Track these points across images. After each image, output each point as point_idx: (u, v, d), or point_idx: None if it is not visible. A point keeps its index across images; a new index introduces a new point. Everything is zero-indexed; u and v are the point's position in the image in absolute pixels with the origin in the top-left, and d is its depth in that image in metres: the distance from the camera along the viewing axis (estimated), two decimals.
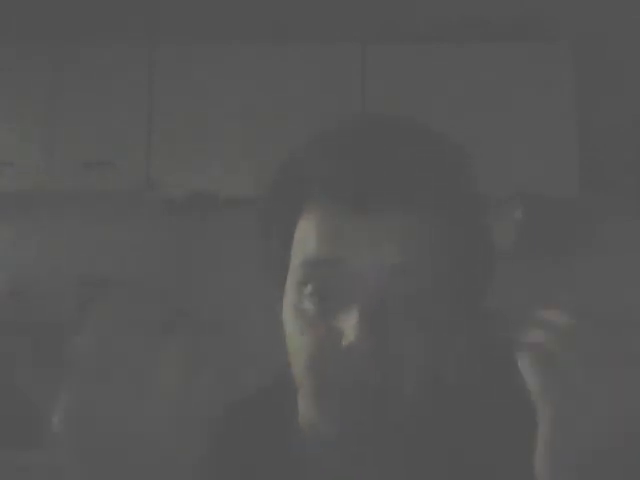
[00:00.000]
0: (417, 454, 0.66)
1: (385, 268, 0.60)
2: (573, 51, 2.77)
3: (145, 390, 0.61)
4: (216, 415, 0.78)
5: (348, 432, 0.60)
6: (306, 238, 0.63)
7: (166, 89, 2.76)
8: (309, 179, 0.65)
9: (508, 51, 2.78)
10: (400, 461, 0.65)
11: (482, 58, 2.76)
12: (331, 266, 0.61)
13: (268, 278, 0.70)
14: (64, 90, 2.75)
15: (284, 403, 0.70)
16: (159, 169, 2.70)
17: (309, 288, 0.62)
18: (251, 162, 2.70)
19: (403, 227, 0.61)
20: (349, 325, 0.59)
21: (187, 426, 0.65)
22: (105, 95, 2.75)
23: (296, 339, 0.65)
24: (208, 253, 2.92)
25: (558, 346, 0.56)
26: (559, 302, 0.61)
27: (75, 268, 2.90)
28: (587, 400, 0.53)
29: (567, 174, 2.66)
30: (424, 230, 0.62)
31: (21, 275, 2.90)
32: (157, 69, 2.77)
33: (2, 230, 2.94)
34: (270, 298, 0.71)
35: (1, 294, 2.88)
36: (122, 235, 2.93)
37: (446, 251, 0.63)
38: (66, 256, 2.91)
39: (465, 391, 0.68)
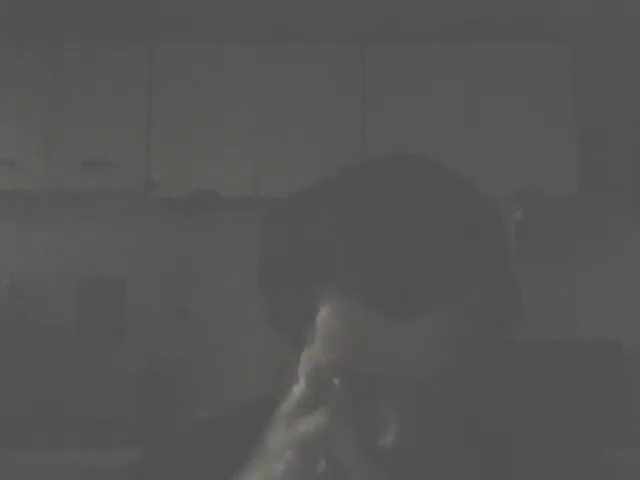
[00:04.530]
0: None
1: (421, 376, 0.58)
2: (572, 51, 2.77)
3: None
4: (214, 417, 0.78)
5: None
6: (333, 335, 0.60)
7: (166, 89, 2.76)
8: (335, 269, 0.59)
9: (508, 51, 2.78)
10: None
11: (482, 58, 2.76)
12: (363, 375, 0.58)
13: (279, 330, 0.66)
14: (64, 90, 2.75)
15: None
16: (159, 169, 2.70)
17: (337, 383, 0.60)
18: (251, 162, 2.71)
19: (437, 331, 0.58)
20: (384, 429, 0.58)
21: None
22: (105, 95, 2.75)
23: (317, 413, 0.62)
24: (208, 253, 2.92)
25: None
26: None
27: (75, 268, 2.90)
28: None
29: (567, 174, 2.66)
30: (461, 327, 0.59)
31: (21, 275, 2.90)
32: (157, 69, 2.77)
33: (2, 230, 2.94)
34: (280, 348, 0.68)
35: (1, 294, 2.88)
36: (122, 235, 2.93)
37: (480, 329, 0.61)
38: (66, 256, 2.91)
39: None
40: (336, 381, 0.60)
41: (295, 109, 2.74)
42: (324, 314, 0.60)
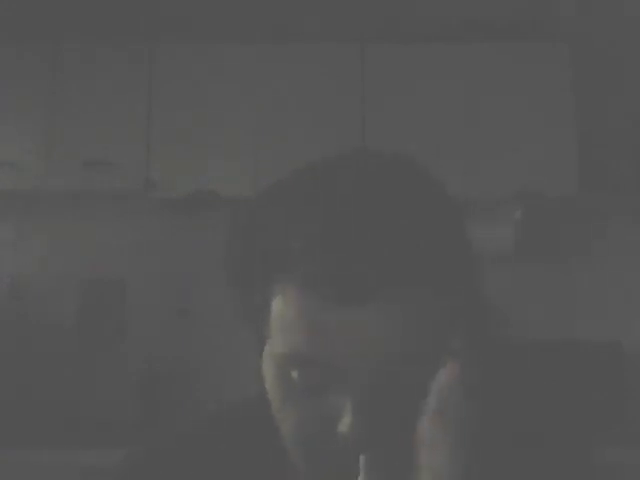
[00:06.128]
0: None
1: (373, 361, 0.58)
2: (572, 51, 2.77)
3: None
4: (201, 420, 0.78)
5: None
6: (287, 325, 0.60)
7: (166, 89, 2.76)
8: (291, 260, 0.59)
9: (508, 51, 2.78)
10: None
11: (482, 58, 2.76)
12: (318, 362, 0.59)
13: (245, 325, 0.67)
14: (64, 90, 2.75)
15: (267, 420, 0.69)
16: (159, 169, 2.70)
17: (295, 375, 0.61)
18: (251, 162, 2.71)
19: (388, 319, 0.58)
20: (342, 414, 0.59)
21: None
22: (105, 95, 2.75)
23: (282, 407, 0.63)
24: (208, 253, 2.92)
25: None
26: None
27: (75, 268, 2.90)
28: None
29: (567, 174, 2.66)
30: (412, 313, 0.59)
31: (21, 275, 2.90)
32: (157, 69, 2.77)
33: (2, 230, 2.94)
34: (247, 344, 0.68)
35: (1, 294, 2.88)
36: (122, 235, 2.93)
37: (434, 315, 0.60)
38: (66, 256, 2.91)
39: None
40: (294, 374, 0.60)
41: (295, 109, 2.74)
42: (278, 305, 0.61)
